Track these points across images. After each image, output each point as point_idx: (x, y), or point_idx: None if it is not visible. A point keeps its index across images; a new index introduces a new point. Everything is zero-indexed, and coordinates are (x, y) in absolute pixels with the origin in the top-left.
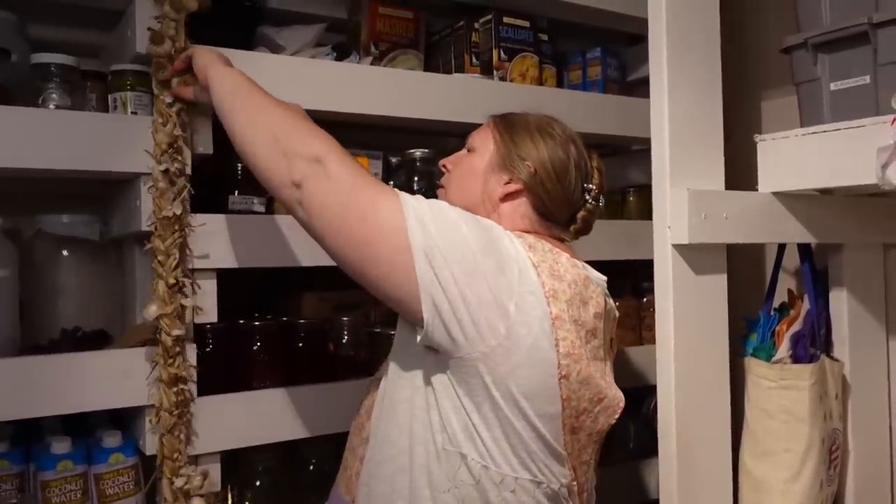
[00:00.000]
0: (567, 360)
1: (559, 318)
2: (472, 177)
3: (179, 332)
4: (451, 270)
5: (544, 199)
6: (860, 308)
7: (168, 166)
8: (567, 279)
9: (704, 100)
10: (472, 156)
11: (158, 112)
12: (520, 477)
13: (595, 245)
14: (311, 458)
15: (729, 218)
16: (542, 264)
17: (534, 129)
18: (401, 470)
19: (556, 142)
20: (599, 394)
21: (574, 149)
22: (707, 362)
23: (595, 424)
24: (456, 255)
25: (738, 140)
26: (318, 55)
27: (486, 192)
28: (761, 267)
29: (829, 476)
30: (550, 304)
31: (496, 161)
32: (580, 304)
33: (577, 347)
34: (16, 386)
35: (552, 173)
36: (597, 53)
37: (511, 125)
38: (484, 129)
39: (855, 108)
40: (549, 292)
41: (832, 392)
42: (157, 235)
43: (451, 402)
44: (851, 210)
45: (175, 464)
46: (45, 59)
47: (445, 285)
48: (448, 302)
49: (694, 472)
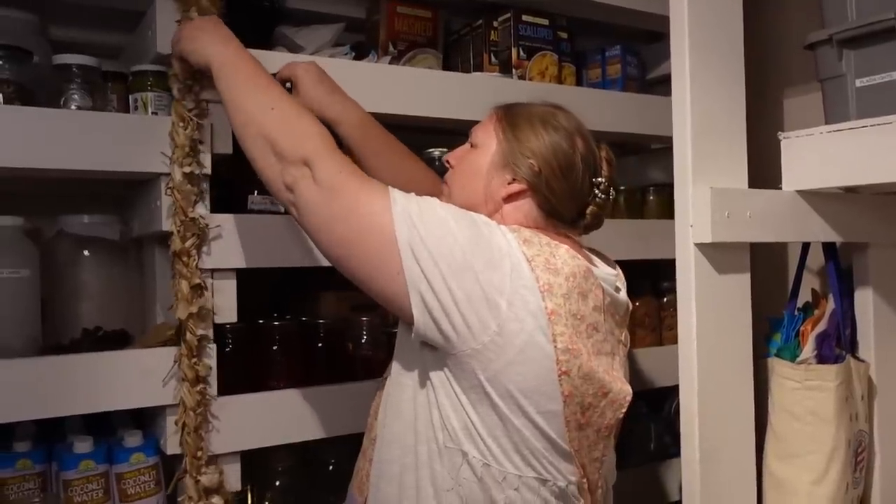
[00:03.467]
0: (566, 355)
1: (555, 312)
2: (475, 176)
3: (204, 331)
4: (438, 266)
5: (549, 198)
6: (886, 308)
7: (189, 168)
8: (564, 272)
9: (727, 97)
10: (476, 153)
11: (178, 115)
12: (523, 475)
13: (614, 244)
14: (329, 459)
15: (752, 216)
16: (537, 258)
17: (537, 122)
18: (407, 469)
19: (561, 134)
20: (603, 388)
21: (580, 140)
22: (730, 363)
23: (602, 419)
24: (443, 251)
25: (761, 138)
26: (337, 55)
27: (488, 192)
28: (785, 266)
29: (855, 479)
30: (545, 299)
31: (499, 159)
32: (579, 297)
33: (575, 342)
34: (38, 386)
35: (556, 170)
36: (616, 51)
37: (514, 119)
38: (487, 122)
39: (882, 104)
40: (544, 287)
41: (858, 393)
42: (180, 236)
43: (449, 400)
44: (878, 208)
45: (199, 462)
46: (66, 60)
47: (433, 281)
48: (436, 298)
49: (717, 474)
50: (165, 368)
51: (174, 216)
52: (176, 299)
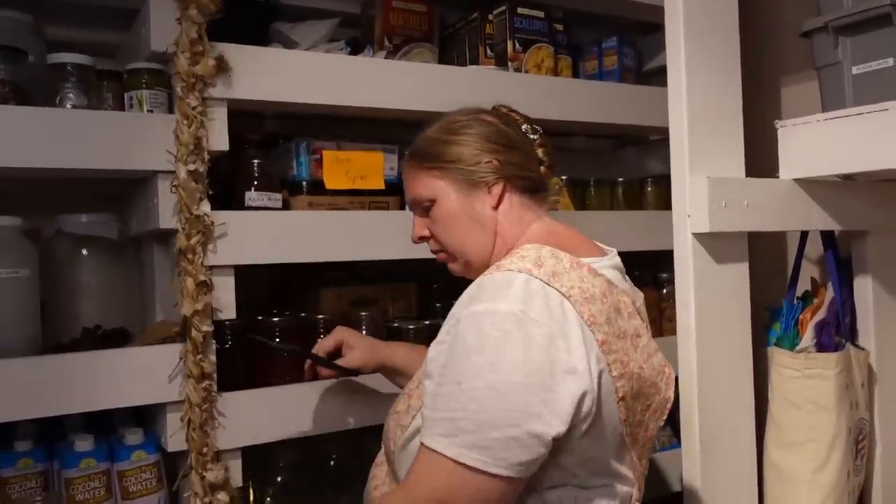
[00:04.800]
0: (621, 380)
1: (605, 342)
2: (458, 220)
3: (209, 328)
4: None
5: (519, 173)
6: (886, 295)
7: (194, 166)
8: (597, 295)
9: (723, 86)
10: (438, 206)
11: (182, 113)
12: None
13: (614, 236)
14: (331, 455)
15: (750, 205)
16: (573, 291)
17: (448, 136)
18: None
19: (472, 125)
20: (647, 400)
21: (487, 115)
22: (729, 352)
23: (646, 433)
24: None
25: (758, 127)
26: (332, 50)
27: (480, 219)
28: (784, 255)
29: (856, 466)
30: (595, 331)
31: (462, 187)
32: (615, 314)
33: (626, 365)
34: (39, 384)
35: (502, 148)
36: (613, 43)
37: (432, 148)
38: (414, 180)
39: (878, 91)
40: (589, 320)
41: (858, 381)
42: (185, 234)
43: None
44: (876, 196)
45: (204, 458)
46: (61, 59)
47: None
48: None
49: (717, 463)
50: (165, 366)
51: (179, 213)
52: (181, 296)
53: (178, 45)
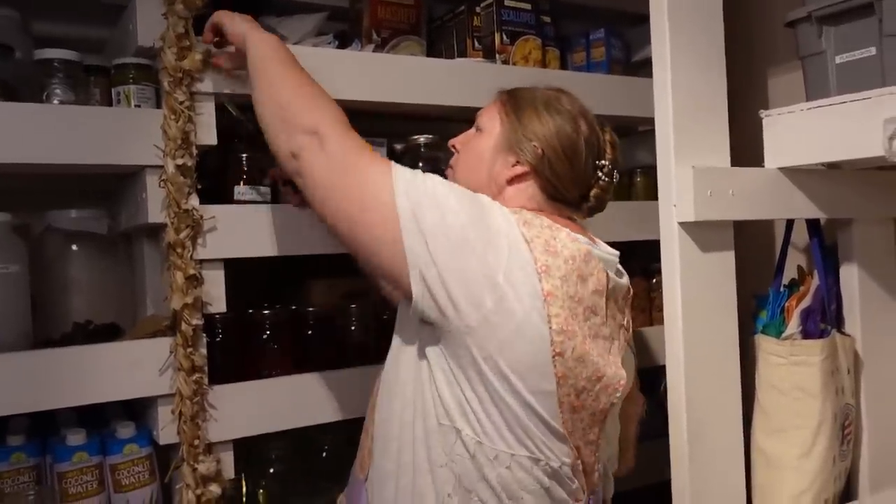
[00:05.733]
0: (561, 336)
1: (551, 294)
2: (479, 159)
3: (199, 321)
4: (437, 242)
5: (552, 181)
6: (871, 283)
7: (182, 161)
8: (564, 255)
9: (708, 75)
10: (480, 136)
11: (170, 108)
12: (515, 454)
13: (604, 226)
14: (323, 445)
15: (735, 194)
16: (536, 240)
17: (541, 105)
18: (404, 446)
19: (564, 118)
20: (598, 372)
21: (584, 124)
22: (716, 340)
23: (597, 403)
24: (443, 228)
25: (746, 117)
26: (320, 44)
27: (492, 176)
28: (771, 244)
29: (842, 451)
30: (542, 280)
31: (502, 142)
32: (578, 280)
33: (571, 324)
34: (31, 379)
35: (560, 153)
36: (600, 34)
37: (517, 102)
38: (491, 107)
39: (861, 80)
40: (542, 268)
41: (844, 367)
42: (174, 228)
43: (445, 377)
44: (860, 184)
45: (196, 450)
46: (48, 55)
47: (433, 256)
48: (436, 273)
49: (705, 450)
50: (155, 360)
51: (168, 208)
52: (171, 290)
53: (164, 41)
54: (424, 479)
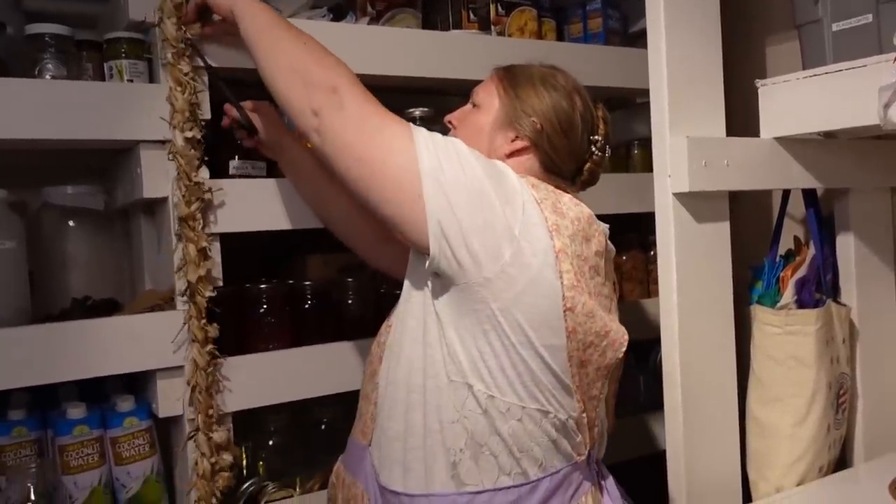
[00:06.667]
0: (572, 292)
1: (562, 251)
2: (478, 134)
3: (212, 293)
4: (458, 195)
5: (550, 154)
6: (867, 252)
7: (191, 133)
8: (570, 216)
9: (703, 44)
10: (478, 112)
11: (175, 80)
12: (527, 406)
13: (600, 198)
14: (322, 418)
15: (730, 165)
16: (545, 201)
17: (538, 82)
18: (413, 407)
19: (561, 94)
20: (605, 327)
21: (579, 99)
22: (711, 310)
23: (603, 359)
24: (464, 181)
25: (742, 87)
26: (315, 17)
27: (491, 150)
28: (768, 215)
29: (836, 420)
30: (553, 238)
31: (501, 118)
32: (583, 240)
33: (580, 281)
34: (31, 353)
35: (557, 127)
36: (597, 5)
37: (515, 79)
38: (488, 83)
39: (857, 48)
40: (552, 226)
41: (839, 336)
42: (185, 201)
43: (457, 334)
44: (857, 153)
45: (210, 420)
46: (39, 30)
47: (454, 208)
48: (456, 224)
49: (700, 420)
50: (154, 333)
51: (178, 181)
52: (184, 262)
53: (163, 11)
54: (434, 438)
